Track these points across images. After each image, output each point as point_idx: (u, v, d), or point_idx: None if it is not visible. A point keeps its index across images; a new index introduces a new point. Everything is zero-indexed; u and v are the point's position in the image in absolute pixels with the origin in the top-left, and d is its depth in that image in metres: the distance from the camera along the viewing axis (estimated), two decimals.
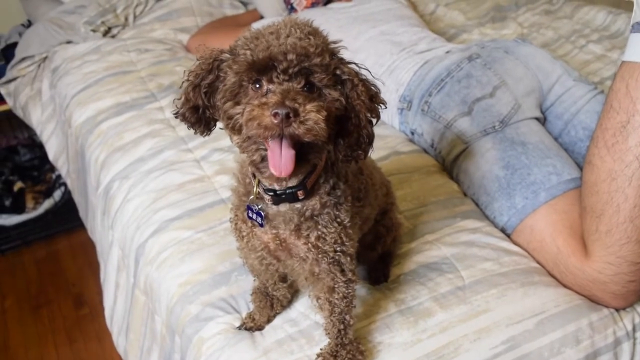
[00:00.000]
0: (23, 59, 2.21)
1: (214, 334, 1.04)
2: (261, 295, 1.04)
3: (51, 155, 2.12)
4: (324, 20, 1.88)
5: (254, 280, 1.07)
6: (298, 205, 0.85)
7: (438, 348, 0.99)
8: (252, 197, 0.86)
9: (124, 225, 1.38)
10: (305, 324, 1.04)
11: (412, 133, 1.56)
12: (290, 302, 1.08)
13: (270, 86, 0.73)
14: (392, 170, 1.39)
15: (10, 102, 2.29)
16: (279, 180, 0.80)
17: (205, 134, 0.84)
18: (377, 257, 1.15)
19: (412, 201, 1.33)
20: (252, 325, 1.04)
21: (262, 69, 0.72)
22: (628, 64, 1.06)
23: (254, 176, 0.85)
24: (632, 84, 1.04)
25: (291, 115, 0.68)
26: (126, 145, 1.58)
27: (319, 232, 0.85)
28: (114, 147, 1.59)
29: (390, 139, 1.55)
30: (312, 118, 0.69)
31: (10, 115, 2.37)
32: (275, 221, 0.87)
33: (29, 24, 2.50)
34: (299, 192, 0.83)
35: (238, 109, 0.74)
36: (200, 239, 1.23)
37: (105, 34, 2.21)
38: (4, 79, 2.26)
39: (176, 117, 0.82)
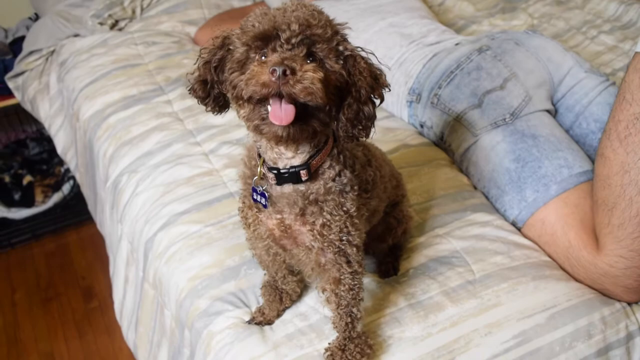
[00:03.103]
0: (31, 53, 2.21)
1: (224, 328, 1.04)
2: (271, 289, 1.04)
3: (59, 149, 2.13)
4: (332, 12, 1.86)
5: (264, 274, 1.06)
6: (302, 187, 0.85)
7: (448, 342, 0.98)
8: (255, 178, 0.86)
9: (132, 219, 1.38)
10: (315, 318, 1.04)
11: (422, 126, 1.55)
12: (299, 297, 1.08)
13: (274, 55, 0.75)
14: (402, 164, 1.38)
15: (18, 96, 2.29)
16: (279, 141, 0.78)
17: (215, 111, 0.86)
18: (387, 249, 1.15)
19: (421, 194, 1.32)
20: (261, 320, 1.04)
21: (267, 38, 0.75)
22: None
23: (259, 156, 0.86)
24: None
25: (288, 73, 0.70)
26: (134, 139, 1.58)
27: (324, 220, 0.85)
28: (122, 141, 1.59)
29: (399, 131, 1.54)
30: (308, 77, 0.71)
31: (18, 109, 2.37)
32: (279, 204, 0.86)
33: (36, 18, 2.51)
34: (302, 172, 0.84)
35: (242, 76, 0.76)
36: (209, 233, 1.23)
37: (112, 27, 2.20)
38: (12, 73, 2.26)
39: (189, 92, 0.85)
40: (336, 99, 0.78)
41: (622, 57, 1.86)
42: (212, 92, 0.83)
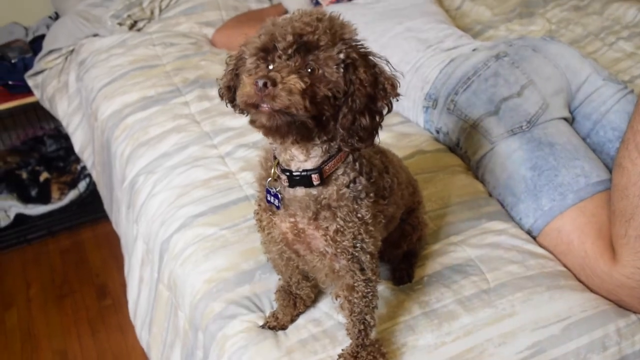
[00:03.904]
0: (50, 52, 2.24)
1: (238, 332, 1.05)
2: (285, 294, 1.05)
3: (77, 148, 2.15)
4: (349, 16, 1.84)
5: (279, 279, 1.07)
6: (314, 192, 0.86)
7: (462, 352, 0.98)
8: (269, 179, 0.88)
9: (148, 220, 1.39)
10: (328, 324, 1.04)
11: (438, 132, 1.55)
12: (313, 302, 1.08)
13: (263, 67, 0.78)
14: (417, 170, 1.38)
15: (37, 94, 2.32)
16: (266, 131, 0.78)
17: (243, 113, 0.87)
18: (402, 255, 1.15)
19: (436, 201, 1.32)
20: (275, 325, 1.05)
21: (267, 50, 0.78)
22: None
23: (274, 157, 0.88)
24: None
25: (268, 85, 0.72)
26: (151, 140, 1.59)
27: (338, 225, 0.86)
28: (139, 142, 1.60)
29: (415, 137, 1.54)
30: (288, 89, 0.73)
31: (37, 106, 2.40)
32: (292, 207, 0.87)
33: (56, 17, 2.53)
34: (314, 176, 0.84)
35: None
36: (225, 236, 1.24)
37: (131, 27, 2.22)
38: (31, 71, 2.29)
39: (219, 95, 0.88)
40: (332, 107, 0.78)
41: None
42: (235, 96, 0.85)
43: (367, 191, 0.88)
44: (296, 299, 1.05)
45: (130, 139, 1.63)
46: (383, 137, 1.49)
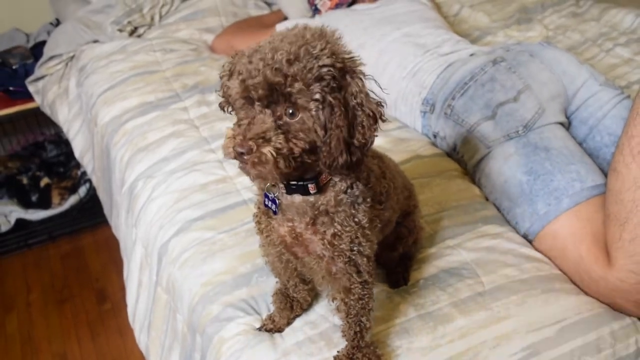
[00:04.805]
0: (51, 58, 2.25)
1: (234, 335, 1.05)
2: (282, 297, 1.05)
3: (77, 153, 2.16)
4: (348, 21, 1.89)
5: (276, 282, 1.08)
6: (311, 199, 0.86)
7: (457, 354, 0.99)
8: (268, 184, 0.88)
9: (147, 224, 1.40)
10: (324, 326, 1.05)
11: (435, 136, 1.56)
12: (310, 305, 1.09)
13: (256, 110, 0.77)
14: (414, 174, 1.39)
15: (38, 100, 2.33)
16: (252, 179, 0.82)
17: None
18: (398, 258, 1.15)
19: (433, 206, 1.33)
20: (272, 327, 1.06)
21: (245, 98, 0.78)
22: None
23: None
24: None
25: (245, 155, 0.75)
26: (150, 145, 1.60)
27: (335, 230, 0.86)
28: (138, 147, 1.61)
29: (412, 142, 1.55)
30: (261, 160, 0.74)
31: (37, 112, 2.41)
32: (289, 212, 0.88)
33: (57, 23, 2.55)
34: (310, 186, 0.85)
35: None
36: (222, 240, 1.25)
37: (131, 33, 2.24)
38: (32, 77, 2.30)
39: (220, 108, 0.88)
40: (313, 153, 0.78)
41: (637, 70, 1.85)
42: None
43: (365, 196, 0.88)
44: (293, 301, 1.06)
45: (129, 144, 1.64)
46: (380, 142, 1.51)
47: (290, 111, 0.76)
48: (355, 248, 0.88)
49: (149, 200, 1.44)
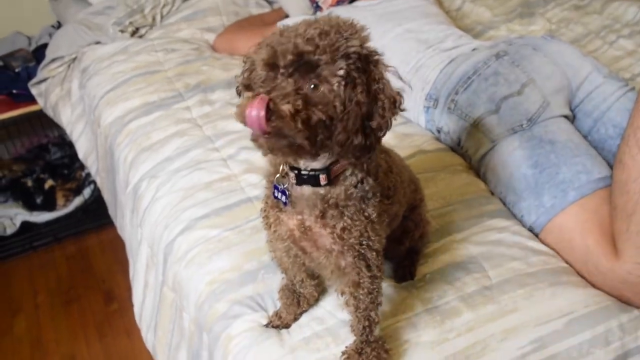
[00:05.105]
0: (53, 60, 2.25)
1: (242, 332, 1.05)
2: (288, 293, 1.05)
3: (81, 155, 2.16)
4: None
5: (282, 278, 1.08)
6: (322, 191, 0.86)
7: (465, 347, 0.99)
8: (277, 175, 0.88)
9: (152, 223, 1.40)
10: (331, 322, 1.05)
11: (439, 131, 1.56)
12: (316, 301, 1.09)
13: (277, 80, 0.77)
14: (418, 169, 1.38)
15: (41, 102, 2.34)
16: (264, 151, 0.79)
17: None
18: (404, 252, 1.15)
19: (438, 200, 1.32)
20: (278, 324, 1.05)
21: (270, 65, 0.78)
22: None
23: None
24: None
25: (262, 113, 0.72)
26: (154, 145, 1.60)
27: (345, 224, 0.86)
28: (142, 147, 1.61)
29: (416, 137, 1.54)
30: (280, 116, 0.73)
31: (41, 114, 2.42)
32: (299, 205, 0.88)
33: (58, 25, 2.55)
34: (321, 177, 0.85)
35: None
36: (228, 238, 1.25)
37: (133, 34, 2.23)
38: (35, 80, 2.30)
39: (237, 94, 0.87)
40: (328, 128, 0.78)
41: None
42: None
43: (374, 191, 0.88)
44: (300, 297, 1.06)
45: (133, 144, 1.64)
46: (385, 138, 1.50)
47: (313, 85, 0.76)
48: (364, 242, 0.88)
49: (153, 199, 1.44)
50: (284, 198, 0.88)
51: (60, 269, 2.42)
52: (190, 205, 1.36)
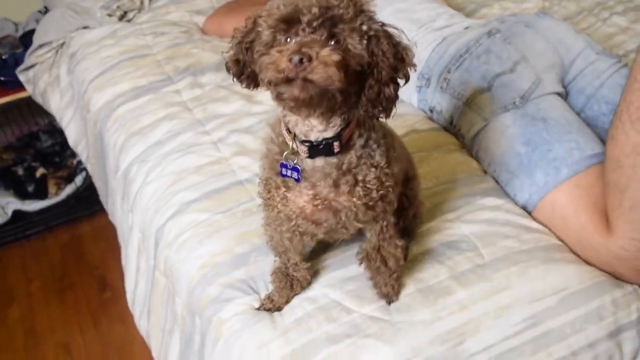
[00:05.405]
0: (41, 46, 2.21)
1: (233, 315, 1.05)
2: (282, 276, 1.04)
3: (71, 141, 2.13)
4: None
5: (275, 260, 1.07)
6: (334, 159, 0.87)
7: (459, 325, 0.98)
8: (286, 153, 0.87)
9: (143, 208, 1.39)
10: (323, 301, 1.04)
11: (431, 111, 1.54)
12: (309, 284, 1.08)
13: (297, 38, 0.76)
14: (411, 149, 1.35)
15: (29, 89, 2.30)
16: (299, 104, 0.78)
17: (251, 87, 0.87)
18: (399, 232, 1.14)
19: (431, 180, 1.31)
20: (270, 307, 1.05)
21: (289, 22, 0.77)
22: None
23: (289, 131, 0.87)
24: None
25: (305, 60, 0.72)
26: (144, 129, 1.58)
27: (360, 184, 0.88)
28: (131, 131, 1.59)
29: (408, 117, 1.53)
30: (324, 62, 0.73)
31: (30, 102, 2.39)
32: (312, 178, 0.88)
33: (45, 11, 2.52)
34: (335, 144, 0.85)
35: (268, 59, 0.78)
36: (219, 221, 1.24)
37: (121, 18, 2.20)
38: (22, 66, 2.27)
39: (226, 69, 0.87)
40: (358, 79, 0.79)
41: (635, 39, 1.83)
42: (245, 70, 0.85)
43: (379, 144, 0.90)
44: (293, 280, 1.05)
45: (122, 129, 1.62)
46: None
47: (339, 39, 0.76)
48: (382, 191, 0.89)
49: (143, 184, 1.43)
50: (295, 175, 0.88)
51: (53, 257, 2.41)
52: (181, 189, 1.34)
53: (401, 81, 0.83)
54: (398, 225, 1.11)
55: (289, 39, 0.77)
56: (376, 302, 1.03)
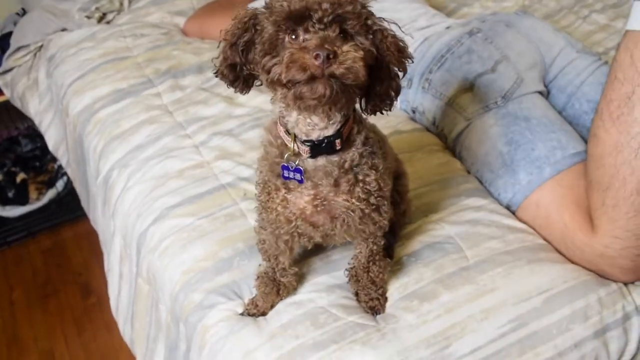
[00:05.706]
0: (18, 49, 2.18)
1: (218, 321, 1.03)
2: (268, 281, 1.03)
3: (51, 145, 2.11)
4: None
5: (260, 265, 1.05)
6: (335, 158, 0.86)
7: (444, 329, 0.98)
8: (287, 154, 0.86)
9: (124, 214, 1.37)
10: (309, 306, 1.03)
11: (413, 111, 1.54)
12: (295, 290, 1.07)
13: (307, 35, 0.75)
14: (395, 150, 1.36)
15: (7, 93, 2.27)
16: (322, 101, 0.76)
17: (244, 91, 0.86)
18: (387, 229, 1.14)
19: (415, 181, 1.31)
20: (255, 312, 1.03)
21: (298, 18, 0.75)
22: (632, 33, 1.03)
23: (288, 133, 0.86)
24: (637, 54, 1.01)
25: (331, 56, 0.71)
26: (124, 133, 1.56)
27: (360, 184, 0.87)
28: (111, 135, 1.57)
29: (391, 118, 1.52)
30: (351, 57, 0.72)
31: (9, 106, 2.35)
32: (314, 177, 0.87)
33: (23, 13, 2.47)
34: (336, 142, 0.84)
35: (276, 60, 0.76)
36: (201, 226, 1.22)
37: (100, 20, 2.17)
38: (0, 70, 2.24)
39: (216, 76, 0.85)
40: (370, 75, 0.79)
41: (614, 36, 1.84)
42: (241, 74, 0.83)
43: (377, 144, 0.90)
44: (280, 286, 1.04)
45: (102, 133, 1.60)
46: None
47: (352, 33, 0.76)
48: (380, 193, 0.90)
49: (125, 189, 1.41)
50: (298, 176, 0.87)
51: (36, 264, 2.37)
52: (163, 194, 1.33)
53: (401, 74, 0.83)
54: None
55: (295, 36, 0.76)
56: (362, 310, 1.02)
